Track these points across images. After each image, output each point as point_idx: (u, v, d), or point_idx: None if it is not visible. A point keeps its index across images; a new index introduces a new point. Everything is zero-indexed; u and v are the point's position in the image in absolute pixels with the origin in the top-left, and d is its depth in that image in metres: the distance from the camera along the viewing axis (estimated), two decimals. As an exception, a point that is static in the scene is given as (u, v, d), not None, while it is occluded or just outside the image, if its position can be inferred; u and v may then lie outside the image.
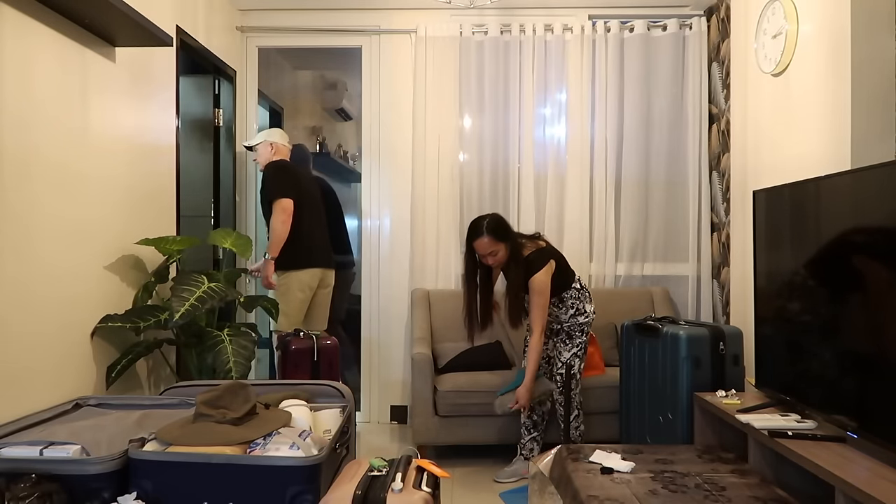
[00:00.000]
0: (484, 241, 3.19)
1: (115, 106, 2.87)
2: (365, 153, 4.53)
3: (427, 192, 4.29)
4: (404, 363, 4.36)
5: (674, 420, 2.91)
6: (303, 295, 3.77)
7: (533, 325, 3.22)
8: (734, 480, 2.19)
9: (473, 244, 3.24)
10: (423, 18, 4.35)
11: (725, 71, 4.02)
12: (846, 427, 2.12)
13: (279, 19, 4.44)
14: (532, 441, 3.43)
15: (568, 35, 4.28)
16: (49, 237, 2.41)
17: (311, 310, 3.90)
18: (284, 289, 3.73)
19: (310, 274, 3.78)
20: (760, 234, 2.76)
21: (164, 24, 3.23)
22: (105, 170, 2.79)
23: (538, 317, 3.21)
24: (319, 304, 3.94)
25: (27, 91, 2.28)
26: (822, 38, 2.91)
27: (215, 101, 4.21)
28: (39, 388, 2.34)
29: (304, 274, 3.76)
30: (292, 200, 3.66)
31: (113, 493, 1.84)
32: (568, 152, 4.30)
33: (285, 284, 3.73)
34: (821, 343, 2.30)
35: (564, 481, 2.29)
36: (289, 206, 3.64)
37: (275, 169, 3.76)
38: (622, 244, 4.31)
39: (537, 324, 3.21)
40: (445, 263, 4.29)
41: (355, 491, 1.83)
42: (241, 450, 1.95)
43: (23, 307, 2.26)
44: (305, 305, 3.82)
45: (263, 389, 2.48)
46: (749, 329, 3.08)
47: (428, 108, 4.30)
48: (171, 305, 2.65)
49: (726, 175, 4.02)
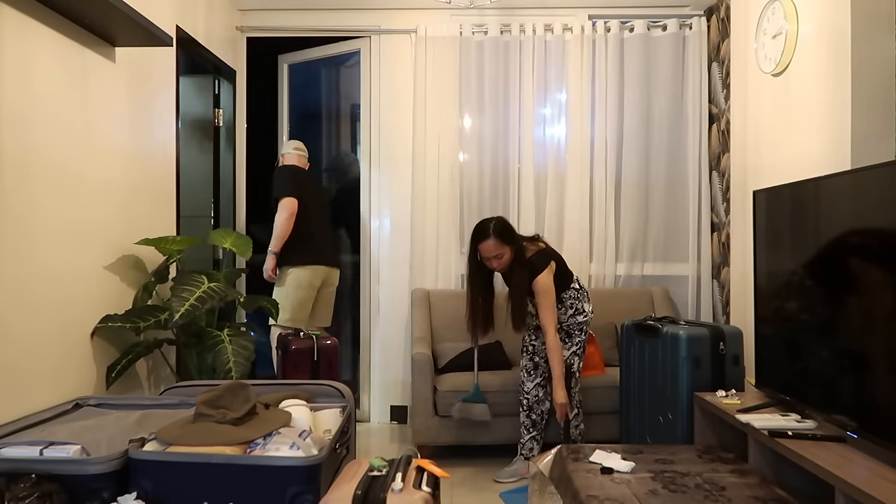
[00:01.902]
0: (490, 244, 3.19)
1: (116, 106, 2.87)
2: (365, 153, 4.53)
3: (427, 192, 4.29)
4: (404, 363, 4.36)
5: (674, 420, 2.91)
6: (303, 292, 3.82)
7: (546, 326, 3.22)
8: (734, 480, 2.19)
9: (479, 247, 3.23)
10: (423, 18, 4.35)
11: (725, 71, 4.02)
12: (846, 427, 2.12)
13: (279, 19, 4.45)
14: (532, 441, 3.43)
15: (568, 35, 4.28)
16: (49, 237, 2.41)
17: (316, 309, 3.98)
18: (283, 283, 3.83)
19: (311, 271, 3.86)
20: (760, 234, 2.76)
21: (164, 24, 3.23)
22: (105, 170, 2.79)
23: (549, 317, 3.21)
24: (324, 302, 4.02)
25: (27, 91, 2.28)
26: (822, 38, 2.91)
27: (215, 101, 4.21)
28: (39, 388, 2.34)
29: (304, 271, 3.84)
30: (295, 199, 3.76)
31: (113, 493, 1.84)
32: (568, 152, 4.30)
33: (284, 279, 3.84)
34: (821, 343, 2.30)
35: (564, 481, 2.29)
36: (290, 204, 3.75)
37: (279, 171, 3.92)
38: (622, 244, 4.31)
39: (550, 323, 3.21)
40: (445, 263, 4.29)
41: (355, 491, 1.83)
42: (241, 450, 1.95)
43: (23, 307, 2.26)
44: (307, 303, 3.86)
45: (263, 389, 2.48)
46: (749, 329, 3.08)
47: (428, 108, 4.30)
48: (171, 305, 2.65)
49: (726, 175, 4.02)
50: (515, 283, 3.27)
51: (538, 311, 3.27)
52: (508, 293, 3.32)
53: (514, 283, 3.28)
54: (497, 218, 3.29)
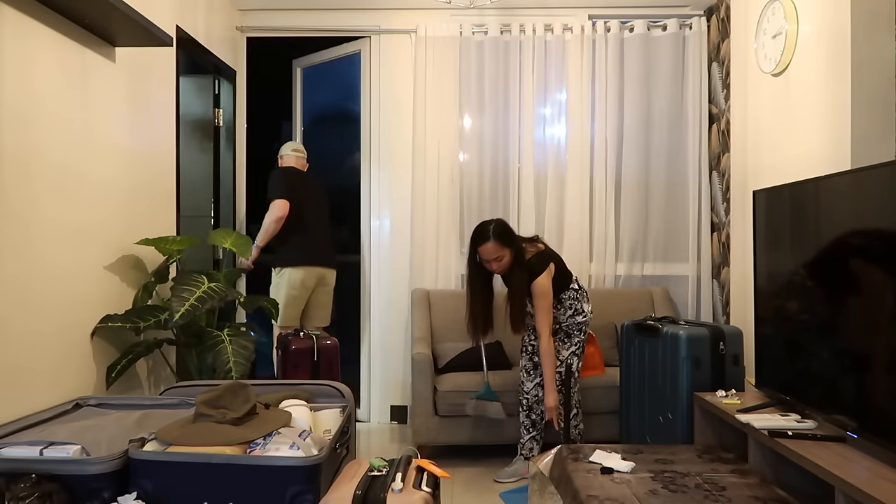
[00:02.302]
0: (490, 247, 3.19)
1: (116, 106, 2.87)
2: (365, 153, 4.53)
3: (427, 193, 4.29)
4: (404, 363, 4.36)
5: (674, 420, 2.91)
6: (296, 292, 3.88)
7: (540, 329, 3.23)
8: (734, 480, 2.19)
9: (479, 249, 3.23)
10: (423, 18, 4.35)
11: (725, 71, 4.02)
12: (846, 427, 2.12)
13: (279, 19, 4.45)
14: (532, 440, 3.43)
15: (568, 35, 4.28)
16: (49, 237, 2.41)
17: (311, 309, 4.04)
18: (277, 283, 3.92)
19: (304, 272, 3.91)
20: (760, 234, 2.76)
21: (164, 24, 3.23)
22: (105, 170, 2.79)
23: (544, 320, 3.22)
24: (320, 302, 4.06)
25: (27, 91, 2.28)
26: (822, 38, 2.91)
27: (215, 101, 4.21)
28: (39, 388, 2.34)
29: (298, 272, 3.89)
30: (286, 201, 3.83)
31: (113, 493, 1.84)
32: (568, 152, 4.30)
33: (277, 279, 3.93)
34: (821, 343, 2.30)
35: (564, 481, 2.29)
36: (280, 206, 3.82)
37: (274, 173, 3.98)
38: (622, 244, 4.31)
39: (545, 327, 3.22)
40: (445, 263, 4.29)
41: (355, 491, 1.84)
42: (241, 450, 1.95)
43: (23, 307, 2.26)
44: (298, 302, 3.92)
45: (263, 389, 2.48)
46: (749, 329, 3.08)
47: (428, 108, 4.30)
48: (171, 305, 2.65)
49: (726, 175, 4.02)
50: (514, 284, 3.27)
51: (534, 313, 3.28)
52: (507, 294, 3.32)
53: (513, 284, 3.29)
54: (496, 220, 3.29)
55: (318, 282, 3.98)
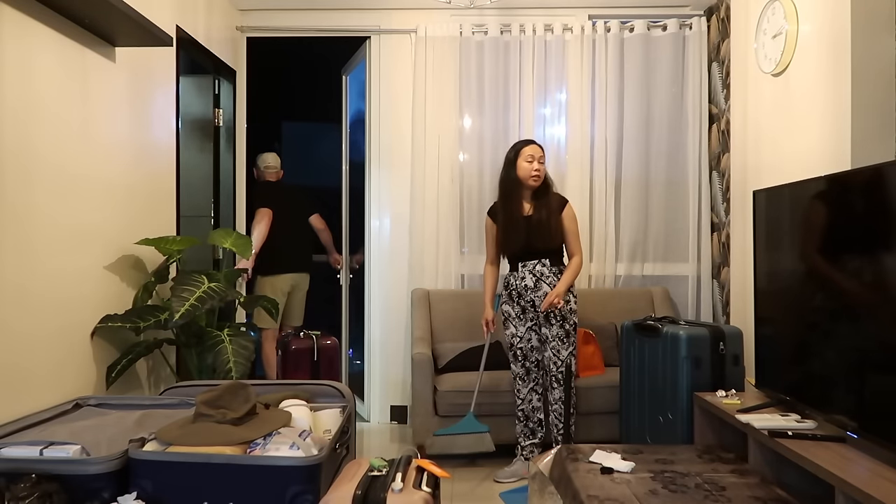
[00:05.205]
0: (538, 147, 3.39)
1: (116, 106, 2.87)
2: (365, 153, 4.53)
3: (427, 192, 4.29)
4: (404, 363, 4.36)
5: (674, 420, 2.91)
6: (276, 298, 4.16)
7: (575, 250, 3.41)
8: (734, 480, 2.19)
9: (525, 149, 3.37)
10: (423, 18, 4.35)
11: (725, 71, 4.02)
12: (846, 427, 2.12)
13: (279, 19, 4.44)
14: (532, 445, 3.43)
15: (568, 35, 4.28)
16: (49, 237, 2.41)
17: (289, 310, 4.59)
18: (260, 290, 4.44)
19: (282, 279, 4.47)
20: (760, 234, 2.76)
21: (164, 24, 3.23)
22: (105, 170, 2.79)
23: (578, 242, 3.43)
24: (296, 304, 4.64)
25: (27, 91, 2.28)
26: (822, 38, 2.91)
27: (215, 101, 4.20)
28: (39, 388, 2.34)
29: (277, 280, 4.45)
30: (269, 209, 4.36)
31: (113, 493, 1.84)
32: (568, 152, 4.30)
33: (260, 287, 4.45)
34: (821, 343, 2.30)
35: (564, 481, 2.29)
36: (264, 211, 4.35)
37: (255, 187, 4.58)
38: (622, 244, 4.31)
39: (579, 248, 3.42)
40: (445, 263, 4.29)
41: (355, 491, 1.84)
42: (241, 450, 1.95)
43: (23, 307, 2.26)
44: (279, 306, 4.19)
45: (263, 389, 2.48)
46: (749, 329, 3.08)
47: (428, 108, 4.29)
48: (171, 305, 2.65)
49: (726, 175, 4.02)
50: (547, 203, 3.37)
51: (567, 238, 3.40)
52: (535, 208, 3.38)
53: (544, 201, 3.38)
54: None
55: (293, 287, 4.52)
